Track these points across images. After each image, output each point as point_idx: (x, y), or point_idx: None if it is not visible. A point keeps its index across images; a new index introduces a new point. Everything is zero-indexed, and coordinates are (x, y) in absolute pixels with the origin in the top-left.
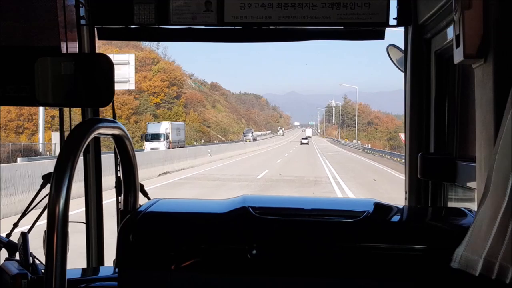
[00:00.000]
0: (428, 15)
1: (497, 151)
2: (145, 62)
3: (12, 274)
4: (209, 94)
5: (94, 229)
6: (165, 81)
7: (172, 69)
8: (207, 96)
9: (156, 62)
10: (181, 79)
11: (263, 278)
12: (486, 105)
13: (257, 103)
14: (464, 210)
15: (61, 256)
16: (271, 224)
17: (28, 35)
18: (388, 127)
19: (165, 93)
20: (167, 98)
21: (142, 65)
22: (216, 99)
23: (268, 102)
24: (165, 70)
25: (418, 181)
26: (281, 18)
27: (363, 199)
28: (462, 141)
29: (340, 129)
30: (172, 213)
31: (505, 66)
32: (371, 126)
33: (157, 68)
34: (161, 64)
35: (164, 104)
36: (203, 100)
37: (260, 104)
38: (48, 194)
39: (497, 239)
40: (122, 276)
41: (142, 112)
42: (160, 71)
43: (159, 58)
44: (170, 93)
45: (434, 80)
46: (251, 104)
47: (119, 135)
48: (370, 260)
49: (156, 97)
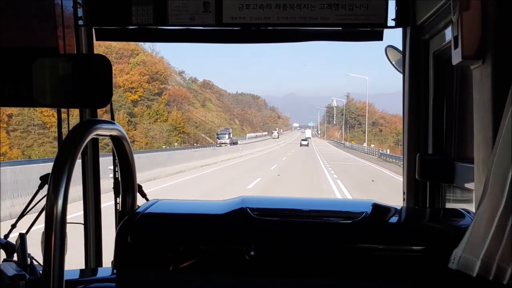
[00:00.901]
0: (427, 16)
1: (495, 152)
2: (123, 54)
3: (10, 275)
4: (199, 92)
5: (92, 230)
6: (145, 75)
7: (154, 62)
8: (197, 94)
9: (136, 54)
10: (165, 74)
11: (261, 279)
12: (484, 106)
13: (254, 103)
14: (462, 211)
15: (59, 257)
16: (270, 225)
17: (26, 36)
18: (396, 128)
19: (144, 89)
20: (146, 94)
21: (119, 57)
22: (207, 97)
23: (266, 102)
24: (145, 63)
25: (416, 182)
26: (279, 19)
27: (361, 200)
28: (460, 142)
29: (343, 130)
30: (171, 214)
31: (503, 67)
32: (376, 127)
33: (136, 60)
34: (141, 56)
35: (143, 101)
36: (191, 98)
37: (257, 105)
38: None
39: (494, 240)
40: (120, 277)
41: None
42: (139, 64)
43: (139, 49)
44: (151, 89)
45: (432, 81)
46: (248, 104)
47: (117, 136)
48: (368, 261)
49: (134, 94)
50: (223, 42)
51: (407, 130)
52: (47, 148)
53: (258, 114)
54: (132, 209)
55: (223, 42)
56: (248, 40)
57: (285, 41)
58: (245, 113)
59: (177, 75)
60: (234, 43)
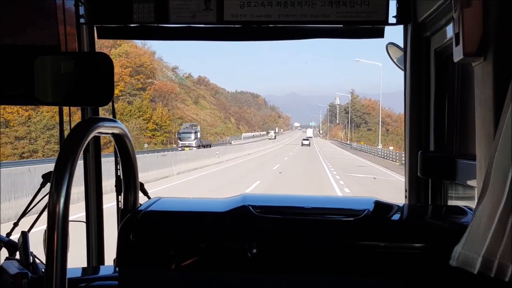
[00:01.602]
0: (428, 13)
1: (496, 148)
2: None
3: (13, 273)
4: (192, 89)
5: (95, 228)
6: (127, 67)
7: (138, 54)
8: (189, 91)
9: (119, 45)
10: (151, 67)
11: (263, 276)
12: (486, 103)
13: (254, 102)
14: (464, 208)
15: (61, 255)
16: (271, 222)
17: (28, 34)
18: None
19: (126, 83)
20: (128, 89)
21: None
22: (201, 94)
23: (266, 101)
24: (128, 55)
25: (418, 179)
26: (280, 17)
27: (363, 197)
28: (462, 139)
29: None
30: (173, 212)
31: (504, 64)
32: (383, 126)
33: (117, 52)
34: (124, 47)
35: (124, 97)
36: (182, 94)
37: (257, 104)
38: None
39: (496, 237)
40: (122, 275)
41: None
42: (121, 56)
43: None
44: (134, 83)
45: (433, 78)
46: (247, 103)
47: (119, 134)
48: (370, 258)
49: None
50: (224, 39)
51: (408, 127)
52: (7, 150)
53: (257, 113)
54: (134, 207)
55: (224, 39)
56: (249, 38)
57: (286, 39)
58: (243, 111)
59: (169, 70)
60: (235, 41)
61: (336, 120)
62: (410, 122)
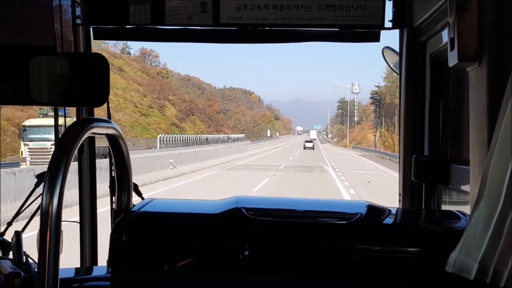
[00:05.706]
0: (424, 17)
1: (492, 154)
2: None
3: (6, 273)
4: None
5: (88, 228)
6: None
7: None
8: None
9: None
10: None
11: (255, 278)
12: (480, 108)
13: (245, 99)
14: (457, 213)
15: (54, 255)
16: (264, 225)
17: (24, 34)
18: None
19: None
20: None
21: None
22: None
23: (261, 99)
24: None
25: (412, 183)
26: (276, 20)
27: (356, 201)
28: (456, 144)
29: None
30: (166, 213)
31: (499, 69)
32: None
33: None
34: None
35: None
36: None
37: (249, 101)
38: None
39: (491, 243)
40: (114, 275)
41: None
42: None
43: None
44: None
45: (429, 82)
46: (237, 100)
47: (113, 134)
48: (362, 262)
49: None
50: (220, 42)
51: (403, 131)
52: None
53: (247, 112)
54: (128, 207)
55: (220, 42)
56: (245, 40)
57: (282, 42)
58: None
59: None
60: (231, 43)
61: (354, 118)
62: (404, 126)
